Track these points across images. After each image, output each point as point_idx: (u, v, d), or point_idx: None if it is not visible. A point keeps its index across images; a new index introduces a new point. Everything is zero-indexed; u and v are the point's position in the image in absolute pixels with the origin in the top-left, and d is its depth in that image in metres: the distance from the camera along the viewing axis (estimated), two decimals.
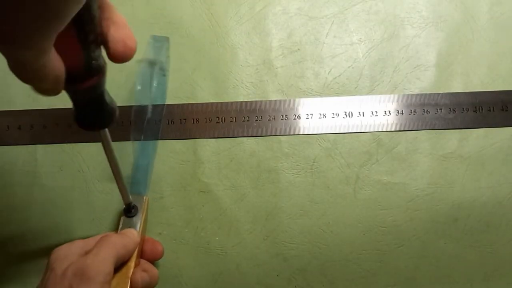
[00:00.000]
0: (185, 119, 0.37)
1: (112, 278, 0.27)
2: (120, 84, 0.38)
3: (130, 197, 0.32)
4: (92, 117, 0.20)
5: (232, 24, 0.39)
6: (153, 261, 0.34)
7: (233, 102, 0.37)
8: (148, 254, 0.33)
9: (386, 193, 0.36)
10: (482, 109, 0.37)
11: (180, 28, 0.39)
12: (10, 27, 0.13)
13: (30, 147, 0.37)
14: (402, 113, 0.37)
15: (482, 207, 0.36)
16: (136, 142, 0.35)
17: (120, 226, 0.32)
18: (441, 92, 0.38)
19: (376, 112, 0.37)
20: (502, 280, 0.35)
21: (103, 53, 0.19)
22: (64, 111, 0.38)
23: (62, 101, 0.38)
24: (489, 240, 0.35)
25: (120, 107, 0.38)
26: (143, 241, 0.33)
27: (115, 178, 0.29)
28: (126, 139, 0.37)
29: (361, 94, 0.37)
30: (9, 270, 0.36)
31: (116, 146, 0.37)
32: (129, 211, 0.32)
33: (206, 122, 0.37)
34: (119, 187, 0.30)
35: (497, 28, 0.38)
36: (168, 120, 0.37)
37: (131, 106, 0.37)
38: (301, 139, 0.37)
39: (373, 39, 0.38)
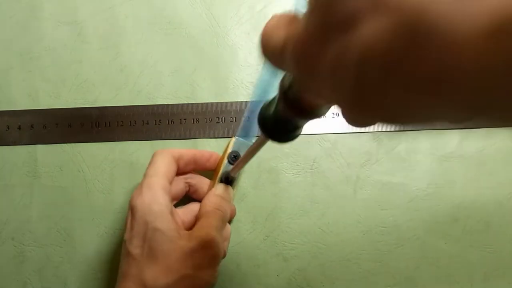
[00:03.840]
0: (185, 119, 0.37)
1: None
2: (120, 84, 0.38)
3: (235, 147, 0.33)
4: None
5: (232, 24, 0.39)
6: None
7: (233, 102, 0.37)
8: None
9: (386, 193, 0.36)
10: None
11: (180, 28, 0.39)
12: None
13: (30, 147, 0.37)
14: None
15: (482, 207, 0.36)
16: (261, 85, 0.35)
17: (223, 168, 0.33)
18: None
19: None
20: (502, 280, 0.35)
21: None
22: (64, 111, 0.38)
23: (62, 101, 0.38)
24: (489, 240, 0.35)
25: (120, 107, 0.38)
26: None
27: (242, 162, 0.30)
28: (126, 139, 0.37)
29: None
30: (9, 270, 0.36)
31: (116, 146, 0.37)
32: (233, 160, 0.33)
33: (206, 122, 0.37)
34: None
35: None
36: (168, 120, 0.37)
37: (132, 106, 0.38)
38: (301, 139, 0.37)
39: None
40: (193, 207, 0.32)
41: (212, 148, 0.37)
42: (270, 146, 0.37)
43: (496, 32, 0.08)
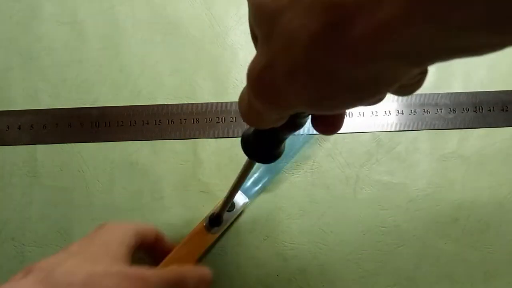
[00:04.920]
0: (185, 119, 0.37)
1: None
2: (120, 84, 0.38)
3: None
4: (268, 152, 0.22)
5: (232, 24, 0.39)
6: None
7: (233, 102, 0.37)
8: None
9: (386, 193, 0.36)
10: (482, 109, 0.37)
11: (180, 28, 0.39)
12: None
13: (30, 147, 0.37)
14: (402, 113, 0.37)
15: (482, 207, 0.36)
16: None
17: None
18: (441, 92, 0.38)
19: (376, 112, 0.37)
20: (502, 280, 0.35)
21: None
22: (64, 111, 0.38)
23: (62, 101, 0.38)
24: (489, 240, 0.35)
25: (120, 107, 0.38)
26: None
27: (232, 190, 0.29)
28: (126, 139, 0.37)
29: None
30: (9, 270, 0.36)
31: (116, 146, 0.37)
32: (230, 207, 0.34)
33: (206, 122, 0.37)
34: (230, 195, 0.30)
35: None
36: (168, 120, 0.37)
37: (132, 106, 0.38)
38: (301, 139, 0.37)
39: None
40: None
41: (212, 148, 0.37)
42: None
43: None
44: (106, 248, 0.23)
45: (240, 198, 0.35)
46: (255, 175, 0.36)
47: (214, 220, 0.33)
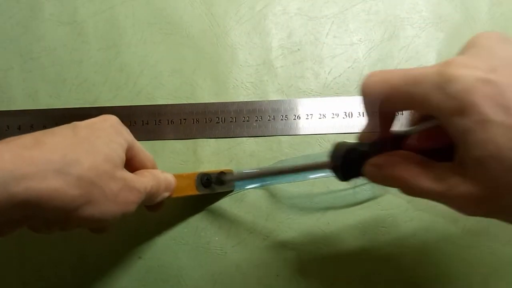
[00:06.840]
0: (185, 119, 0.37)
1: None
2: (120, 84, 0.38)
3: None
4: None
5: (232, 24, 0.39)
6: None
7: (233, 102, 0.37)
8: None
9: (386, 193, 0.36)
10: None
11: (180, 28, 0.39)
12: None
13: None
14: (402, 113, 0.37)
15: None
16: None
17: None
18: None
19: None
20: (502, 280, 0.35)
21: None
22: (64, 111, 0.38)
23: (62, 101, 0.38)
24: (489, 240, 0.35)
25: (120, 107, 0.38)
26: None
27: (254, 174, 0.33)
28: None
29: None
30: (10, 271, 0.36)
31: None
32: (221, 182, 0.35)
33: (206, 122, 0.37)
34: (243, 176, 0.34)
35: (497, 28, 0.38)
36: (168, 120, 0.37)
37: (132, 106, 0.38)
38: (301, 139, 0.37)
39: (373, 39, 0.38)
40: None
41: (212, 148, 0.37)
42: (270, 146, 0.37)
43: None
44: (110, 154, 0.25)
45: (238, 182, 0.35)
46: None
47: (204, 180, 0.34)
